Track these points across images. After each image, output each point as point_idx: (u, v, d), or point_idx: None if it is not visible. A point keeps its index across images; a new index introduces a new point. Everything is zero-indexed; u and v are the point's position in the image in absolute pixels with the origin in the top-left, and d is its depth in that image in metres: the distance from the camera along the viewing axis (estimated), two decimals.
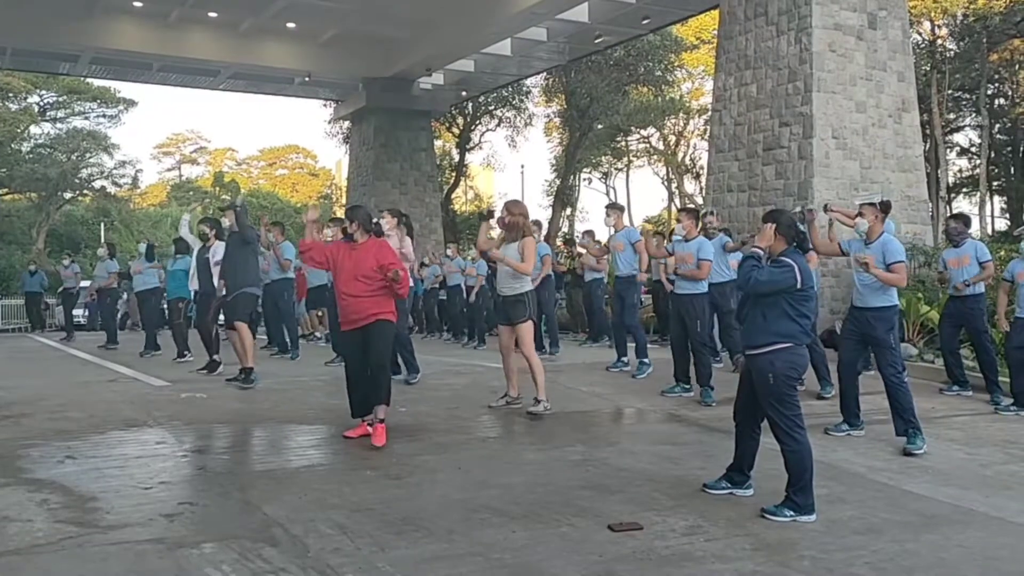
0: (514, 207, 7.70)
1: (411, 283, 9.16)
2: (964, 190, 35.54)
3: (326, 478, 5.41)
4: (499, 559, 3.94)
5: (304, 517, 4.50)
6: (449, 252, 16.12)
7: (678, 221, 9.05)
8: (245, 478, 5.40)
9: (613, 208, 10.46)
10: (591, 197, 53.38)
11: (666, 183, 44.79)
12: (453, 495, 4.98)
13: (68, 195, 43.11)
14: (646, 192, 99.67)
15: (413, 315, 15.89)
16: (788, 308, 4.76)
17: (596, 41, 22.08)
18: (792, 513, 4.59)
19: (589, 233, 14.45)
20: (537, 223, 12.15)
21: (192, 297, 12.13)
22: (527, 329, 7.40)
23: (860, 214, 6.83)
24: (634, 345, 10.12)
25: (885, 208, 6.88)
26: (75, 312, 17.99)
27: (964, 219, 9.16)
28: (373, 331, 6.36)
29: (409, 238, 9.13)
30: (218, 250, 9.97)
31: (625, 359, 10.18)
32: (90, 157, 42.70)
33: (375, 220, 6.68)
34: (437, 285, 16.24)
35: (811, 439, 6.57)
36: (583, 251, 13.67)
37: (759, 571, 3.84)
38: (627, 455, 6.08)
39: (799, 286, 4.74)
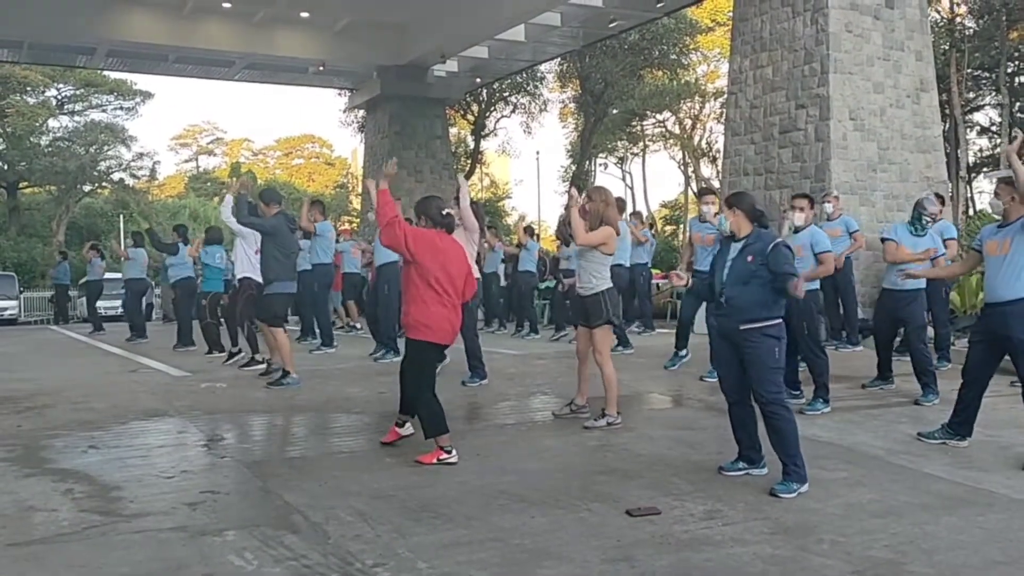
0: (595, 193, 6.80)
1: (478, 275, 8.61)
2: (984, 170, 35.09)
3: (345, 465, 5.44)
4: (518, 544, 3.96)
5: (324, 504, 4.54)
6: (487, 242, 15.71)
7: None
8: (265, 466, 5.45)
9: (711, 193, 9.53)
10: (607, 182, 53.25)
11: (682, 167, 44.60)
12: (472, 481, 5.01)
13: (87, 188, 43.47)
14: (662, 177, 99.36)
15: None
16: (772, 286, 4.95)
17: (610, 25, 21.96)
18: (797, 485, 4.73)
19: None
20: (621, 201, 10.71)
21: (224, 289, 11.91)
22: (603, 333, 6.58)
23: (996, 192, 5.89)
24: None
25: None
26: (104, 304, 17.74)
27: None
28: (406, 351, 5.63)
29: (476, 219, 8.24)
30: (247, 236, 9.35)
31: (683, 352, 9.50)
32: (108, 150, 43.05)
33: (445, 211, 5.91)
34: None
35: (832, 422, 6.62)
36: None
37: (778, 555, 3.85)
38: (645, 440, 6.09)
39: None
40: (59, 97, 42.29)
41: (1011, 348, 5.50)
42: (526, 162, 78.83)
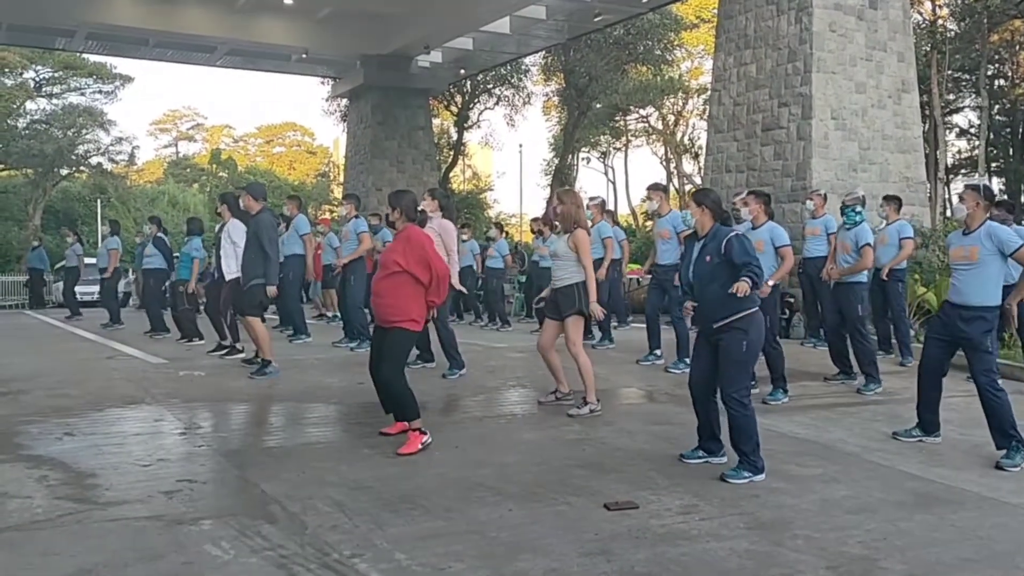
0: (566, 196, 7.01)
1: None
2: (963, 171, 35.48)
3: (324, 456, 5.43)
4: (496, 537, 3.97)
5: (302, 494, 4.53)
6: (464, 236, 15.61)
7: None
8: (243, 455, 5.43)
9: (656, 190, 9.36)
10: (590, 176, 53.45)
11: (664, 163, 44.72)
12: (450, 474, 5.01)
13: (64, 171, 42.92)
14: (644, 172, 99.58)
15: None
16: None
17: (595, 19, 21.92)
18: (749, 474, 4.90)
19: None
20: (602, 203, 11.05)
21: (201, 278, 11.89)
22: (575, 323, 6.71)
23: (961, 198, 5.99)
24: (676, 341, 9.06)
25: (989, 196, 5.96)
26: (80, 290, 17.57)
27: (1007, 206, 8.56)
28: (387, 340, 5.71)
29: (449, 221, 8.33)
30: (233, 230, 9.22)
31: (658, 352, 9.42)
32: (86, 133, 42.45)
33: (420, 207, 6.02)
34: None
35: (808, 419, 6.68)
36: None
37: (753, 550, 3.88)
38: (623, 435, 6.12)
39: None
40: (37, 79, 41.68)
41: (967, 345, 5.73)
42: (509, 155, 78.78)
